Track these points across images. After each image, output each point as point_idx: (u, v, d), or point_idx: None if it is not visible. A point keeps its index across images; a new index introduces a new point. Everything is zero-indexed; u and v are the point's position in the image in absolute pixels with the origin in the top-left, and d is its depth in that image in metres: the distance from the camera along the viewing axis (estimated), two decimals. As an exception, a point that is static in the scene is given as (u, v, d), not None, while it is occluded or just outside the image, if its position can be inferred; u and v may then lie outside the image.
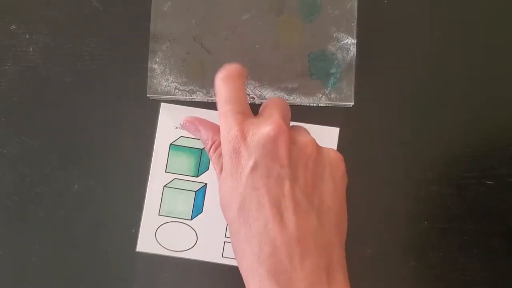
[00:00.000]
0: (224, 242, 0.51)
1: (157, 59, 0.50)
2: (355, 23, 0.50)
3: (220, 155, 0.39)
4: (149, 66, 0.50)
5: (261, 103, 0.51)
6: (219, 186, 0.39)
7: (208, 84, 0.50)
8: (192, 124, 0.44)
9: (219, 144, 0.40)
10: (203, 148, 0.52)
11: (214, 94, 0.50)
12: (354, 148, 0.51)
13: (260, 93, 0.50)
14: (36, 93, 0.52)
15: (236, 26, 0.50)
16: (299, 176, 0.36)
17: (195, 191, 0.51)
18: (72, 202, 0.51)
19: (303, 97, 0.50)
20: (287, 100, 0.50)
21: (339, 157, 0.39)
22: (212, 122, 0.44)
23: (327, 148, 0.40)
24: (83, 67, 0.52)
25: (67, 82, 0.52)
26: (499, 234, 0.51)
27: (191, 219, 0.51)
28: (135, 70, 0.52)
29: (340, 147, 0.51)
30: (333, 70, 0.50)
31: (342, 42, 0.50)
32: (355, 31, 0.50)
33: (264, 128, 0.37)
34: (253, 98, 0.50)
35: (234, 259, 0.51)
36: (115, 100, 0.52)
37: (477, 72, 0.52)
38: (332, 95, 0.50)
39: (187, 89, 0.50)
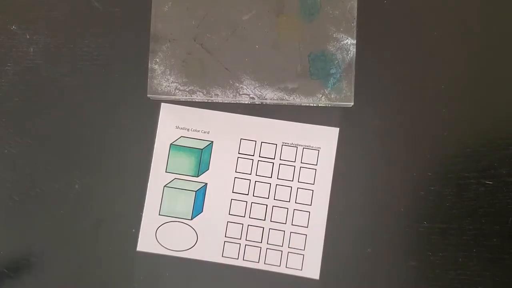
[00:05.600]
0: (224, 242, 0.51)
1: (158, 60, 0.50)
2: (355, 23, 0.50)
3: None
4: (149, 66, 0.50)
5: (261, 103, 0.51)
6: None
7: (208, 84, 0.50)
8: None
9: None
10: (203, 148, 0.52)
11: (215, 95, 0.50)
12: (354, 148, 0.52)
13: (260, 93, 0.50)
14: (36, 93, 0.52)
15: (236, 26, 0.50)
16: None
17: (195, 191, 0.51)
18: (72, 201, 0.51)
19: (303, 97, 0.50)
20: (287, 100, 0.50)
21: None
22: None
23: None
24: (83, 67, 0.52)
25: (67, 82, 0.52)
26: (499, 234, 0.51)
27: (191, 219, 0.51)
28: (135, 70, 0.52)
29: (340, 147, 0.51)
30: (333, 71, 0.50)
31: (342, 43, 0.50)
32: (355, 32, 0.50)
33: None
34: (253, 98, 0.50)
35: (234, 258, 0.52)
36: (115, 100, 0.52)
37: (477, 72, 0.52)
38: (332, 95, 0.50)
39: (187, 89, 0.50)
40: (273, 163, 0.52)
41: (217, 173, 0.52)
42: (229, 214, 0.51)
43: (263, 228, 0.51)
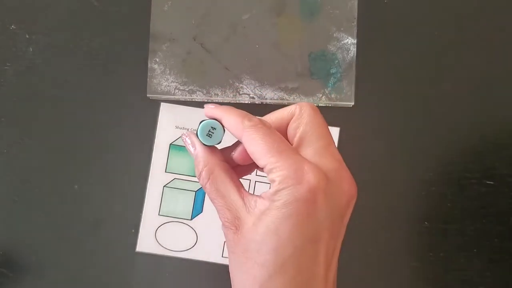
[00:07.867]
0: (224, 242, 0.51)
1: (157, 59, 0.50)
2: (355, 23, 0.50)
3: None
4: (149, 66, 0.50)
5: (261, 103, 0.51)
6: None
7: (208, 84, 0.50)
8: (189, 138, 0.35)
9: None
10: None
11: (215, 95, 0.50)
12: (354, 148, 0.51)
13: (260, 93, 0.50)
14: (36, 93, 0.52)
15: (236, 26, 0.50)
16: None
17: (195, 191, 0.51)
18: (71, 201, 0.51)
19: (303, 97, 0.50)
20: (287, 100, 0.50)
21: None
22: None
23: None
24: (83, 67, 0.52)
25: (67, 82, 0.52)
26: (499, 234, 0.51)
27: (191, 219, 0.51)
28: (135, 70, 0.52)
29: (340, 147, 0.51)
30: (333, 70, 0.50)
31: (342, 42, 0.50)
32: (355, 31, 0.50)
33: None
34: (253, 98, 0.50)
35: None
36: (115, 100, 0.52)
37: (476, 72, 0.52)
38: (332, 95, 0.50)
39: (187, 89, 0.50)
40: (273, 163, 0.52)
41: (217, 173, 0.52)
42: (229, 214, 0.51)
43: (263, 228, 0.51)
